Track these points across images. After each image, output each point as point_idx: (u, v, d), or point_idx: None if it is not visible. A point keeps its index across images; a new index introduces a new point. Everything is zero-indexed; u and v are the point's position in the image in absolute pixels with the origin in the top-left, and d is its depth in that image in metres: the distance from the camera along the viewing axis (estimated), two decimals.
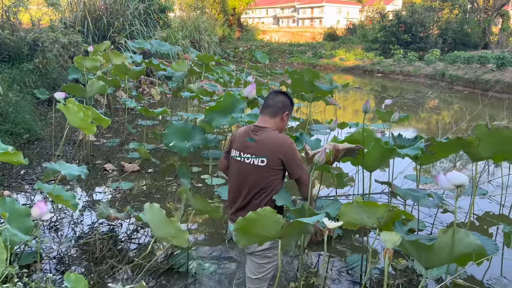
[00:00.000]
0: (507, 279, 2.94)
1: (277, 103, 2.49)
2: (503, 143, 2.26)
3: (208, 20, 19.37)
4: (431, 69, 19.17)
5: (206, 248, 3.26)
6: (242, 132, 2.50)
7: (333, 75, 10.48)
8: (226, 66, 10.34)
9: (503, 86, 14.20)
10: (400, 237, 1.72)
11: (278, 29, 42.48)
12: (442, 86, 16.68)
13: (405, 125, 8.87)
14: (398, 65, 21.67)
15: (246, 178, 2.41)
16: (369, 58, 24.97)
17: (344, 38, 31.05)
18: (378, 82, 19.81)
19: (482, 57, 16.51)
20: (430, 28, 25.59)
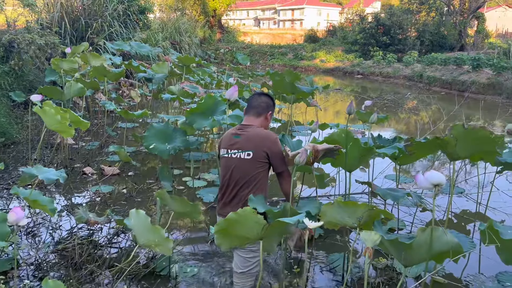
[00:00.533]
0: (484, 276, 3.00)
1: (261, 103, 2.67)
2: (480, 143, 2.32)
3: (189, 21, 19.28)
4: (410, 71, 19.52)
5: (188, 250, 3.23)
6: (229, 132, 2.66)
7: (313, 76, 10.56)
8: (207, 67, 10.31)
9: (479, 87, 14.56)
10: (380, 236, 1.74)
11: (259, 30, 42.63)
12: (420, 87, 17.00)
13: (384, 126, 9.00)
14: (377, 67, 21.99)
15: (233, 172, 2.54)
16: (349, 60, 25.26)
17: (325, 40, 31.35)
18: (358, 83, 20.06)
19: (458, 59, 16.91)
20: (408, 30, 26.06)
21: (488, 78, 14.48)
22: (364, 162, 3.50)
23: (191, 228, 3.65)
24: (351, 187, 3.75)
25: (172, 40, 15.26)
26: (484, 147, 2.30)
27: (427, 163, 6.04)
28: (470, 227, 3.96)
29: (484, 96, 13.90)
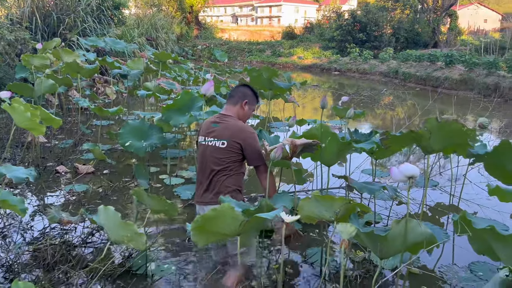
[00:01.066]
0: (457, 266, 3.07)
1: (238, 93, 2.83)
2: (453, 136, 2.36)
3: (165, 17, 19.02)
4: (385, 67, 19.84)
5: (166, 248, 3.18)
6: (209, 120, 2.79)
7: (291, 73, 10.61)
8: (184, 64, 10.20)
9: (452, 82, 14.92)
10: (355, 228, 1.75)
11: (237, 27, 42.48)
12: (396, 83, 17.31)
13: (361, 122, 9.11)
14: (354, 63, 22.27)
15: (208, 159, 2.66)
16: (327, 57, 25.49)
17: (302, 37, 31.54)
18: (335, 80, 20.25)
19: (432, 55, 17.28)
20: (384, 27, 26.49)
21: (460, 74, 14.86)
22: (342, 157, 3.53)
23: (168, 226, 3.60)
24: (330, 182, 3.79)
25: (147, 36, 15.03)
26: (456, 140, 2.34)
27: (403, 158, 6.15)
28: (444, 219, 4.04)
29: (456, 91, 14.25)
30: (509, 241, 1.63)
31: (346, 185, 3.06)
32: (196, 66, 12.37)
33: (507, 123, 9.43)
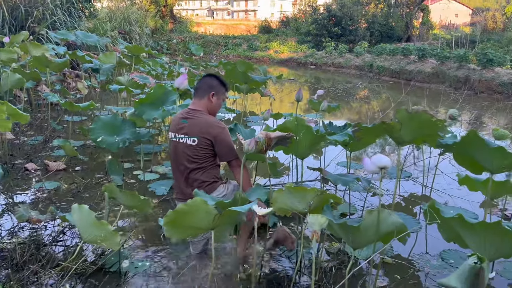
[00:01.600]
0: (430, 255, 3.14)
1: (203, 85, 2.71)
2: (423, 126, 2.39)
3: (139, 11, 18.65)
4: (360, 61, 20.08)
5: (140, 245, 3.13)
6: (178, 116, 2.72)
7: (267, 67, 10.59)
8: (158, 58, 10.04)
9: (424, 75, 15.24)
10: (327, 219, 1.76)
11: (213, 21, 42.13)
12: (371, 77, 17.55)
13: (337, 115, 9.19)
14: (329, 57, 22.43)
15: (181, 156, 2.62)
16: (303, 51, 25.59)
17: (278, 31, 31.55)
18: (311, 73, 20.36)
19: (405, 49, 17.58)
20: (359, 21, 26.77)
21: (432, 67, 15.18)
22: (317, 150, 3.55)
23: (142, 222, 3.54)
24: (305, 175, 3.80)
25: (120, 30, 14.71)
26: (426, 131, 2.38)
27: (379, 150, 6.24)
28: (417, 209, 4.13)
29: (429, 84, 14.57)
30: (476, 229, 1.66)
31: (321, 177, 3.07)
32: (171, 60, 12.19)
33: (477, 114, 9.70)
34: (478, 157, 2.31)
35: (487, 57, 13.24)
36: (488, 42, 20.46)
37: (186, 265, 2.72)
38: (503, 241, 1.64)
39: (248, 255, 2.80)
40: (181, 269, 2.74)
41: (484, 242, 1.66)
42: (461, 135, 2.38)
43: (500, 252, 1.71)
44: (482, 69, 13.34)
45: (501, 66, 13.31)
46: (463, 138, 2.30)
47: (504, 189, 3.02)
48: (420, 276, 2.83)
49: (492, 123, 8.63)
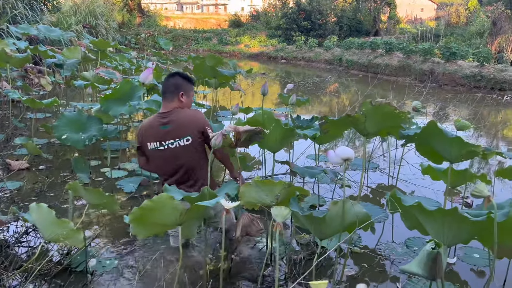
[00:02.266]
0: (395, 243, 3.23)
1: (169, 87, 2.61)
2: (386, 118, 2.46)
3: (105, 4, 18.15)
4: (330, 55, 20.32)
5: (107, 243, 3.08)
6: (151, 124, 2.57)
7: (237, 61, 10.57)
8: (126, 53, 9.82)
9: (391, 69, 15.59)
10: (290, 211, 1.78)
11: (182, 15, 41.54)
12: (340, 71, 17.80)
13: (308, 109, 9.29)
14: (300, 51, 22.59)
15: (178, 162, 2.56)
16: (273, 45, 25.64)
17: (249, 25, 31.47)
18: (282, 68, 20.45)
19: (373, 43, 17.91)
20: (328, 15, 27.03)
21: (399, 61, 15.55)
22: (287, 144, 3.57)
23: (110, 220, 3.48)
24: (276, 168, 3.82)
25: (84, 24, 14.28)
26: (390, 122, 2.44)
27: (349, 143, 6.35)
28: (384, 200, 4.24)
29: (396, 77, 14.91)
30: (435, 216, 1.73)
31: (289, 170, 3.10)
32: (139, 54, 11.95)
33: (441, 106, 10.03)
34: (437, 147, 2.40)
35: (450, 51, 13.68)
36: (452, 36, 21.15)
37: (155, 261, 2.70)
38: (460, 227, 1.71)
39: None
40: (150, 265, 2.71)
41: (442, 229, 1.72)
42: (422, 126, 2.46)
43: (458, 238, 1.78)
44: (446, 62, 13.77)
45: (463, 59, 13.78)
46: (424, 129, 2.38)
47: (464, 178, 3.14)
48: (386, 264, 2.91)
49: (455, 115, 8.94)
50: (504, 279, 2.69)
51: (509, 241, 1.72)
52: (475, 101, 9.81)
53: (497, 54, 14.70)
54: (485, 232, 1.71)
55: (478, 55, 13.13)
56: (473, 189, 1.63)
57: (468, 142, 2.21)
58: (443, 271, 1.61)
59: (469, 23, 23.25)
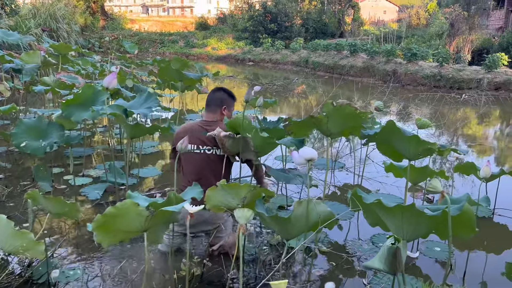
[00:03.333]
0: (362, 240, 3.31)
1: (215, 100, 2.85)
2: (348, 119, 2.51)
3: (66, 7, 17.66)
4: (297, 57, 20.57)
5: (71, 252, 3.00)
6: (192, 129, 2.77)
7: (204, 64, 10.52)
8: (89, 56, 9.59)
9: (356, 70, 15.95)
10: (252, 213, 1.79)
11: (148, 18, 41.04)
12: (307, 72, 18.05)
13: (277, 110, 9.36)
14: (267, 54, 22.75)
15: (208, 167, 2.71)
16: (240, 47, 25.71)
17: (216, 28, 31.44)
18: (250, 70, 20.53)
19: (338, 45, 18.28)
20: (294, 18, 27.39)
21: (363, 62, 15.94)
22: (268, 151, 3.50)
23: (73, 228, 3.39)
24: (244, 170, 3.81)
25: (43, 27, 13.81)
26: (351, 123, 2.50)
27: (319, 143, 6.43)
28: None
29: (361, 78, 15.28)
30: (394, 212, 1.78)
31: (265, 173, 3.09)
32: (103, 58, 11.69)
33: (404, 105, 10.35)
34: (397, 146, 2.48)
35: (411, 52, 14.15)
36: (413, 37, 21.86)
37: (121, 269, 2.65)
38: (418, 222, 1.77)
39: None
40: (116, 273, 2.66)
41: (401, 224, 1.78)
42: (381, 126, 2.53)
43: (417, 233, 1.85)
44: (408, 63, 14.23)
45: (424, 60, 14.29)
46: (383, 129, 2.45)
47: (425, 174, 3.26)
48: (353, 261, 2.98)
49: (417, 113, 9.25)
50: (464, 270, 2.81)
51: (463, 234, 1.80)
52: (435, 100, 10.19)
53: (455, 54, 15.32)
54: (441, 226, 1.78)
55: (437, 56, 13.65)
56: (428, 185, 1.70)
57: (425, 140, 2.30)
58: (403, 265, 1.66)
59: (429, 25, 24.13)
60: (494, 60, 12.48)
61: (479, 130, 8.16)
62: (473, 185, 4.64)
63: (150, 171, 4.74)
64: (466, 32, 17.02)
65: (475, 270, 2.89)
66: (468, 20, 17.19)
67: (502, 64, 12.65)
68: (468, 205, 1.70)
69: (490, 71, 12.53)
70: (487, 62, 12.64)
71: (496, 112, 9.95)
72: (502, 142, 7.26)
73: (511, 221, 3.71)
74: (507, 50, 15.18)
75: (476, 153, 6.15)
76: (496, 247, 3.29)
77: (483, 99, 10.30)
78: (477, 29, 18.07)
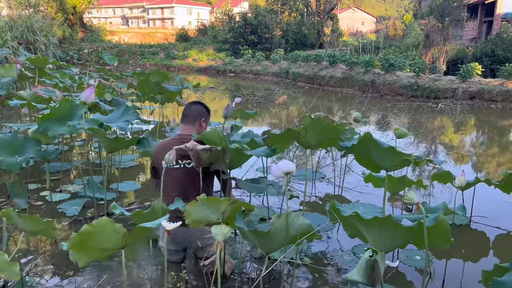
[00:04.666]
0: (343, 251, 3.33)
1: (194, 112, 2.86)
2: (325, 131, 2.54)
3: (44, 19, 17.43)
4: (277, 68, 20.75)
5: (47, 271, 2.92)
6: (170, 143, 2.71)
7: (184, 75, 10.50)
8: (67, 69, 9.45)
9: (336, 80, 16.18)
10: (229, 229, 1.79)
11: (128, 29, 40.85)
12: (287, 83, 18.21)
13: (259, 121, 9.40)
14: (248, 65, 22.88)
15: (190, 182, 2.68)
16: (221, 59, 25.79)
17: (196, 39, 31.50)
18: (231, 81, 20.59)
19: (318, 56, 18.54)
20: (274, 29, 27.68)
21: (342, 72, 16.18)
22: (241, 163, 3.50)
23: (50, 246, 3.30)
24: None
25: (20, 40, 13.58)
26: (329, 134, 2.53)
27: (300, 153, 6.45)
28: None
29: (340, 88, 15.50)
30: (372, 224, 1.80)
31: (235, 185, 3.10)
32: (82, 71, 11.54)
33: (383, 115, 10.52)
34: (374, 158, 2.51)
35: (389, 62, 14.45)
36: (390, 48, 22.33)
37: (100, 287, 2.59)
38: (396, 234, 1.80)
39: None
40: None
41: (379, 236, 1.80)
42: (358, 137, 2.57)
43: (395, 244, 1.87)
44: (386, 73, 14.52)
45: (401, 70, 14.60)
46: (360, 141, 2.49)
47: (403, 184, 3.31)
48: (335, 272, 2.99)
49: (395, 123, 9.42)
50: (443, 278, 2.85)
51: (439, 244, 1.83)
52: (413, 109, 10.40)
53: (431, 64, 15.72)
54: (418, 237, 1.81)
55: (414, 66, 13.97)
56: (404, 196, 1.72)
57: (401, 151, 2.34)
58: (381, 276, 1.68)
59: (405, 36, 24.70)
60: (468, 70, 12.85)
61: (455, 138, 8.35)
62: (451, 193, 4.73)
63: (130, 186, 4.67)
64: (441, 43, 17.49)
65: (454, 278, 2.94)
66: (442, 31, 17.69)
67: (476, 74, 13.03)
68: (443, 215, 1.74)
69: (464, 80, 12.88)
70: (461, 72, 13.01)
71: (471, 120, 10.22)
72: (478, 150, 7.44)
73: (487, 229, 3.80)
74: (480, 60, 15.66)
75: (454, 162, 6.28)
76: (473, 255, 3.35)
77: (459, 108, 10.56)
78: (451, 40, 18.60)
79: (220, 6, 39.64)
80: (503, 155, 7.03)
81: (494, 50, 16.58)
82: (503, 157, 6.88)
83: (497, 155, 7.02)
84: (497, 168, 6.12)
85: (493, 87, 12.38)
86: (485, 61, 15.91)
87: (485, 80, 13.16)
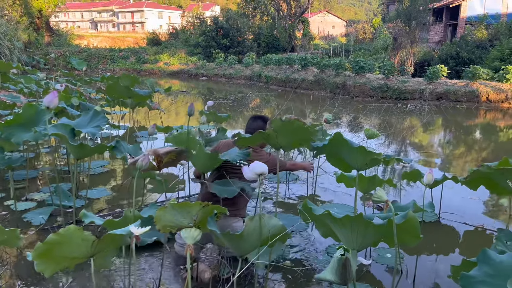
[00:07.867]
0: (317, 251, 3.35)
1: (252, 129, 2.99)
2: (296, 132, 2.55)
3: (8, 23, 16.85)
4: (250, 71, 20.80)
5: (12, 284, 2.80)
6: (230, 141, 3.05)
7: (156, 79, 10.37)
8: (33, 74, 9.16)
9: (308, 83, 16.35)
10: (199, 232, 1.76)
11: (97, 33, 40.09)
12: (260, 86, 18.28)
13: (233, 124, 9.37)
14: (220, 68, 22.84)
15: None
16: (193, 62, 25.64)
17: (167, 43, 31.20)
18: (204, 85, 20.49)
19: (289, 59, 18.70)
20: (246, 33, 27.75)
21: (314, 75, 16.37)
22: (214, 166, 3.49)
23: (15, 257, 3.17)
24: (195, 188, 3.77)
25: None
26: (300, 136, 2.54)
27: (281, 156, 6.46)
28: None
29: (312, 91, 15.67)
30: (344, 222, 1.82)
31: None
32: (49, 76, 11.20)
33: (354, 116, 10.70)
34: (345, 157, 2.54)
35: (359, 65, 14.73)
36: (360, 51, 22.79)
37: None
38: (366, 232, 1.82)
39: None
40: None
41: (351, 234, 1.82)
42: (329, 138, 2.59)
43: (366, 242, 1.89)
44: (356, 76, 14.79)
45: (371, 72, 14.91)
46: (331, 141, 2.51)
47: (374, 183, 3.36)
48: (309, 273, 2.99)
49: (366, 124, 9.59)
50: (414, 274, 2.90)
51: (409, 241, 1.86)
52: (383, 110, 10.63)
53: (399, 66, 16.12)
54: (388, 234, 1.84)
55: (383, 68, 14.29)
56: (373, 195, 1.75)
57: (370, 151, 2.38)
58: (354, 275, 1.69)
59: (374, 39, 25.29)
60: (434, 71, 13.25)
61: (424, 138, 8.58)
62: (420, 191, 4.85)
63: (99, 192, 4.55)
64: (408, 46, 17.98)
65: (425, 274, 3.00)
66: (409, 34, 18.19)
67: (442, 75, 13.45)
68: (412, 213, 1.77)
69: (431, 82, 13.27)
70: (428, 73, 13.40)
71: (438, 120, 10.53)
72: (445, 149, 7.67)
73: (455, 224, 3.91)
74: (446, 62, 16.19)
75: (423, 161, 6.45)
76: (442, 251, 3.43)
77: (426, 109, 10.87)
78: (418, 43, 19.16)
79: (191, 10, 39.46)
80: (469, 154, 7.27)
81: (459, 52, 17.19)
82: (469, 155, 7.11)
83: (463, 153, 7.25)
84: (464, 165, 6.32)
85: (458, 88, 12.81)
86: (450, 63, 16.45)
87: (451, 81, 13.61)
